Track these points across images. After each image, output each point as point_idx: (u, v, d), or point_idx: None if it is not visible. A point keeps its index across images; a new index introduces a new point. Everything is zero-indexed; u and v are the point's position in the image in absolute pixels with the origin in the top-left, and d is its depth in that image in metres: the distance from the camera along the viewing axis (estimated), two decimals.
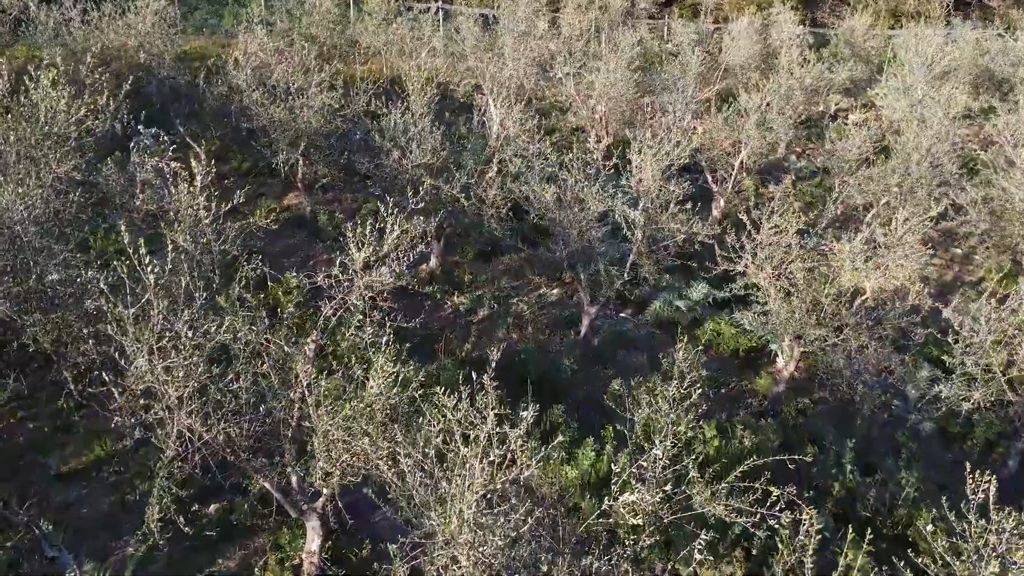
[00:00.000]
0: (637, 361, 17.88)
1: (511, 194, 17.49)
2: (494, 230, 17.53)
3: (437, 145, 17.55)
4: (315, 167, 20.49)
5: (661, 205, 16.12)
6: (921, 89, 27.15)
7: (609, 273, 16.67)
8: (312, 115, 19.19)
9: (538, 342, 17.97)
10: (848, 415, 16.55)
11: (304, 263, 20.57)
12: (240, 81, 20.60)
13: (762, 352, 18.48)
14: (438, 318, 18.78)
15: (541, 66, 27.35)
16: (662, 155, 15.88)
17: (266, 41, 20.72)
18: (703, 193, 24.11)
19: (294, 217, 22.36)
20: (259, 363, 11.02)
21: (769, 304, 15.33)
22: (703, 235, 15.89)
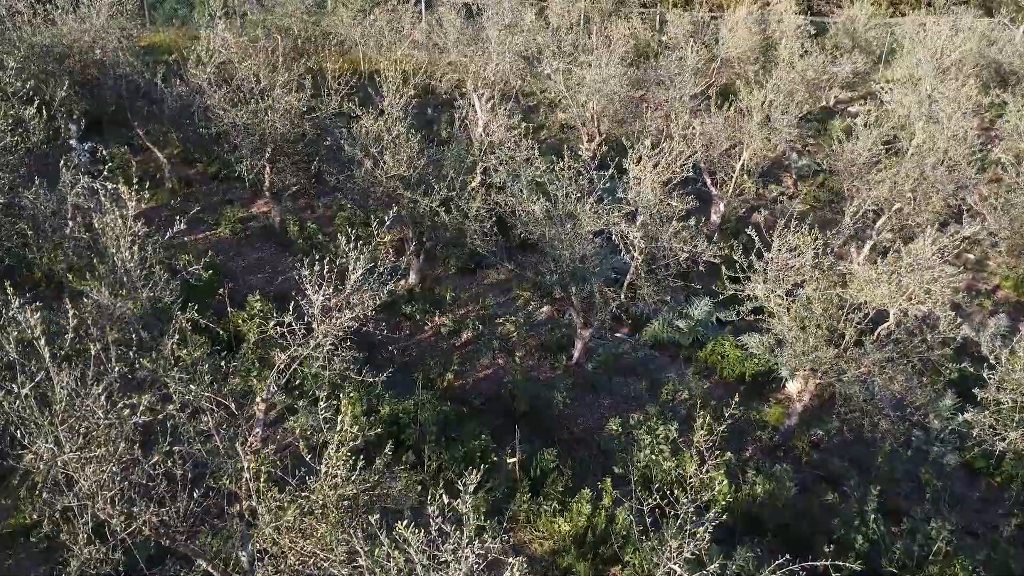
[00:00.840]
0: (635, 389, 16.40)
1: (496, 207, 15.90)
2: (477, 247, 15.94)
3: (414, 154, 15.90)
4: (284, 174, 18.79)
5: (661, 220, 14.57)
6: (930, 83, 25.68)
7: (604, 295, 15.15)
8: (278, 119, 17.48)
9: (527, 369, 16.46)
10: (866, 448, 15.16)
11: (272, 279, 18.94)
12: (201, 81, 18.84)
13: (769, 376, 17.02)
14: (418, 341, 17.22)
15: (528, 60, 25.66)
16: (663, 167, 14.31)
17: (229, 37, 18.90)
18: (701, 196, 22.62)
19: (262, 227, 20.70)
20: (203, 420, 9.44)
21: (782, 333, 13.85)
22: (709, 256, 14.36)
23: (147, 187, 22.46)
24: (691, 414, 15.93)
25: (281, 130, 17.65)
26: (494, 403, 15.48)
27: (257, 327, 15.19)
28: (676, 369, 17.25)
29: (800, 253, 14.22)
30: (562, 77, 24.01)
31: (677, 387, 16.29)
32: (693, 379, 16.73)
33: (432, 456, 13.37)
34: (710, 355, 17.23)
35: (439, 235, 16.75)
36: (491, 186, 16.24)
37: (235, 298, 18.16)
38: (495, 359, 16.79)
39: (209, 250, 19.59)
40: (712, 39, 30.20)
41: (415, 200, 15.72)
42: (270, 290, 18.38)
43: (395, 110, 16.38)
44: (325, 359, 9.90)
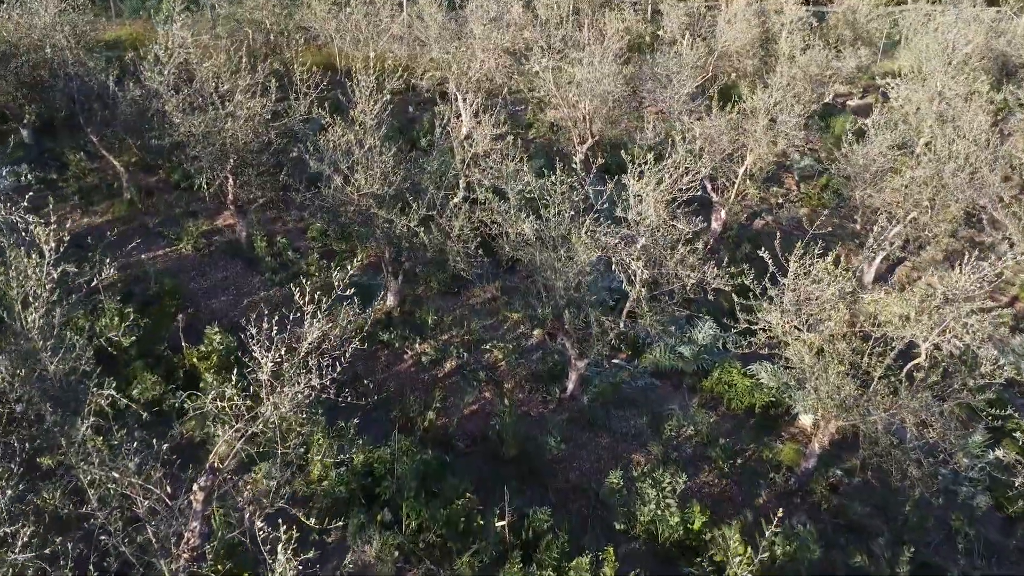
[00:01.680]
0: (635, 424, 14.93)
1: (481, 226, 14.34)
2: (461, 271, 14.38)
3: (389, 169, 14.28)
4: (249, 187, 17.13)
5: (666, 245, 13.05)
6: (940, 80, 24.26)
7: (602, 324, 13.64)
8: (239, 127, 15.81)
9: (517, 403, 14.94)
10: (890, 490, 13.77)
11: (237, 301, 17.29)
12: (156, 84, 17.13)
13: (781, 406, 15.59)
14: (396, 373, 15.65)
15: (515, 55, 24.03)
16: (667, 185, 12.78)
17: (186, 36, 17.17)
18: (701, 201, 21.14)
19: (228, 242, 19.02)
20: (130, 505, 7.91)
21: (801, 371, 12.40)
22: (719, 284, 12.85)
23: (103, 198, 21.29)
24: (698, 453, 14.52)
25: (243, 139, 15.98)
26: (481, 445, 13.98)
27: (214, 366, 13.58)
28: (679, 399, 15.79)
29: (817, 280, 12.79)
30: (551, 75, 22.42)
31: (681, 421, 14.85)
32: (698, 411, 15.28)
33: (411, 514, 11.87)
34: (716, 384, 15.78)
35: (418, 256, 15.17)
36: (476, 202, 14.67)
37: (195, 326, 16.55)
38: (481, 392, 15.26)
39: (168, 269, 17.98)
40: (709, 31, 28.63)
41: (390, 220, 14.13)
42: (235, 314, 16.75)
43: (368, 118, 14.75)
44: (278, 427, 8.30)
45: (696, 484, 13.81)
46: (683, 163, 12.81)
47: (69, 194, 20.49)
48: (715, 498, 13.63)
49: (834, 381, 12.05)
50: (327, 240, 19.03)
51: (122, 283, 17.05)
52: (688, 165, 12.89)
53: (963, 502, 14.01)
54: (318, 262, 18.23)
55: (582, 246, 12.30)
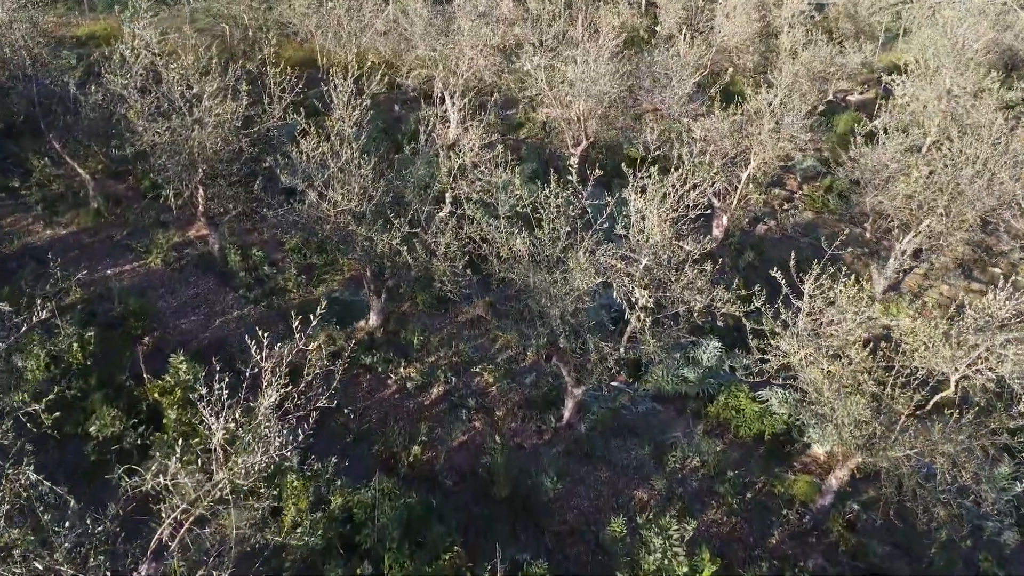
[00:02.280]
0: (637, 456, 13.87)
1: (469, 243, 13.21)
2: (447, 292, 13.26)
3: (368, 183, 13.10)
4: (221, 199, 15.95)
5: (671, 267, 11.96)
6: (950, 77, 23.23)
7: (601, 350, 12.55)
8: (207, 135, 14.61)
9: (509, 433, 13.88)
10: (912, 528, 12.75)
11: (208, 321, 16.10)
12: (119, 88, 15.91)
13: (791, 433, 14.56)
14: (379, 400, 14.54)
15: (505, 53, 22.85)
16: (672, 203, 11.67)
17: (150, 35, 15.92)
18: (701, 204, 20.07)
19: (200, 255, 17.80)
20: None
21: (819, 404, 11.36)
22: (730, 309, 11.75)
23: (68, 207, 20.00)
24: (704, 487, 13.49)
25: (212, 148, 14.78)
26: (470, 482, 12.90)
27: (178, 401, 12.41)
28: (683, 426, 14.75)
29: (835, 303, 11.74)
30: (544, 74, 21.26)
31: (686, 452, 13.81)
32: (704, 440, 14.25)
33: (394, 566, 10.80)
34: (722, 409, 14.74)
35: (402, 275, 14.04)
36: (463, 216, 13.52)
37: (163, 349, 15.38)
38: (471, 420, 14.17)
39: (135, 286, 16.78)
40: (707, 26, 27.49)
41: (370, 238, 12.99)
42: (205, 337, 15.60)
43: (347, 126, 13.57)
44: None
45: (703, 522, 12.79)
46: (690, 176, 11.68)
47: (32, 203, 19.24)
48: (724, 538, 12.61)
49: (855, 414, 11.02)
50: (306, 252, 17.87)
51: (84, 303, 15.87)
52: (696, 180, 11.76)
53: (989, 538, 13.06)
54: (296, 277, 17.07)
55: (580, 271, 11.18)
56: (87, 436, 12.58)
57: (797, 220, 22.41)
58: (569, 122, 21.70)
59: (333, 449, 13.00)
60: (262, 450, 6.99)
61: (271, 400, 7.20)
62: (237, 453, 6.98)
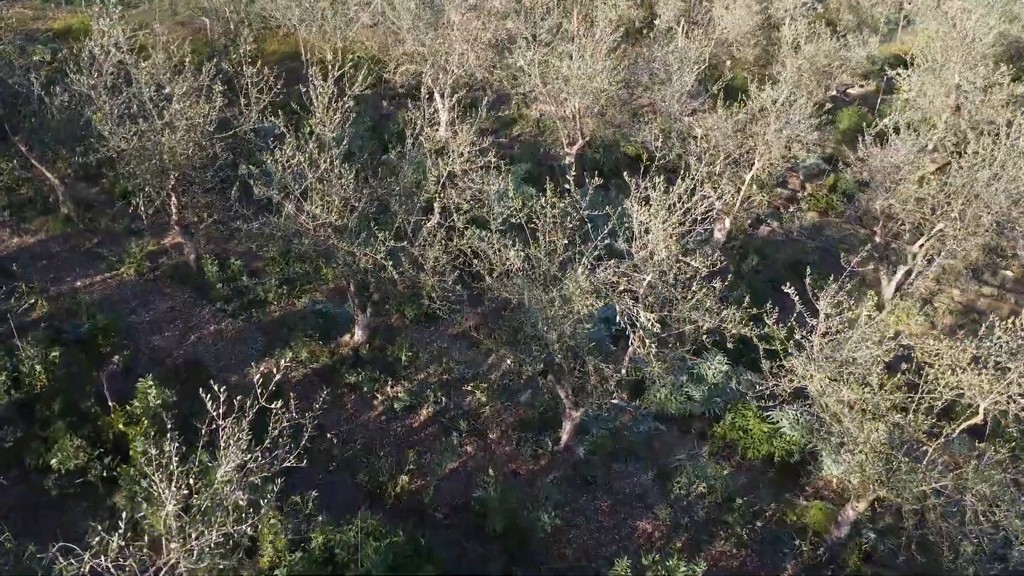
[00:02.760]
0: (639, 481, 13.03)
1: (458, 258, 12.31)
2: (436, 309, 12.36)
3: (350, 193, 12.14)
4: (196, 207, 14.99)
5: (677, 285, 11.08)
6: (959, 72, 22.35)
7: (601, 372, 11.69)
8: (177, 140, 13.63)
9: (503, 458, 13.02)
10: (933, 559, 11.95)
11: (183, 337, 15.13)
12: (85, 89, 14.91)
13: (801, 454, 13.73)
14: (364, 423, 13.63)
15: (497, 48, 21.86)
16: (679, 216, 10.76)
17: (119, 33, 14.90)
18: None
19: (175, 266, 16.80)
20: None
21: (838, 433, 10.53)
22: (741, 330, 10.87)
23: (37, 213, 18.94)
24: (711, 516, 12.65)
25: (184, 154, 13.81)
26: (462, 515, 12.04)
27: (146, 431, 11.46)
28: (687, 447, 13.91)
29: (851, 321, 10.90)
30: (538, 70, 20.30)
31: (692, 477, 12.97)
32: (710, 463, 13.42)
33: None
34: (729, 429, 13.90)
35: (387, 290, 13.13)
36: (452, 227, 12.59)
37: (134, 369, 14.42)
38: (462, 444, 13.29)
39: (107, 299, 15.81)
40: (706, 18, 26.53)
41: (352, 254, 12.07)
42: (179, 355, 14.67)
43: (327, 131, 12.61)
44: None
45: (711, 555, 11.97)
46: (698, 186, 10.78)
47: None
48: (733, 572, 11.81)
49: (877, 446, 10.20)
50: (288, 261, 16.91)
51: (51, 318, 14.90)
52: (705, 191, 10.87)
53: (1014, 569, 12.27)
54: (277, 288, 16.12)
55: (580, 295, 10.29)
56: (48, 469, 11.67)
57: (803, 223, 21.52)
58: (564, 120, 20.77)
59: (314, 478, 12.12)
60: (219, 524, 6.07)
61: (230, 465, 6.28)
62: (192, 524, 6.08)
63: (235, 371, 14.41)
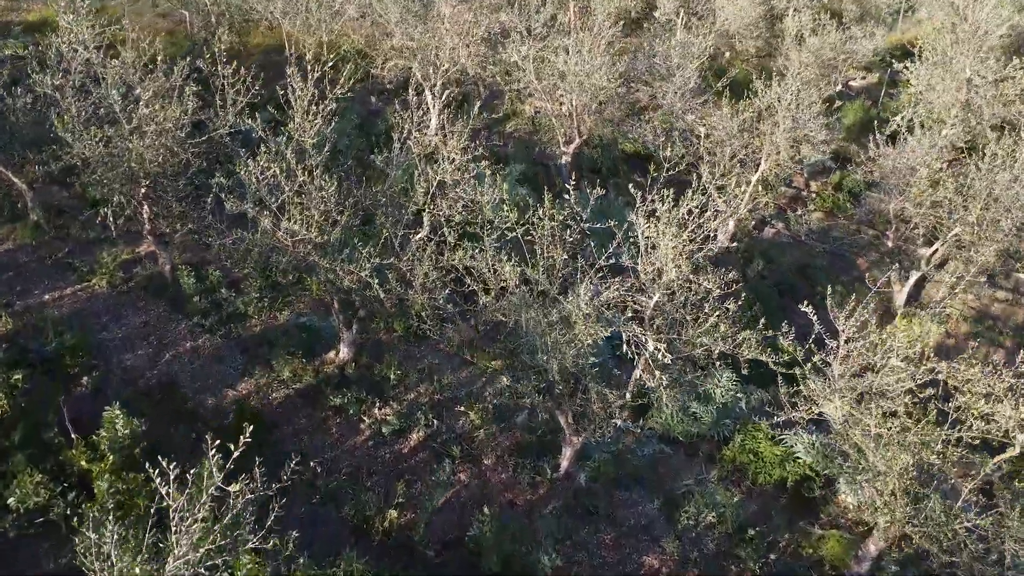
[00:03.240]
0: (645, 511, 12.21)
1: (449, 274, 11.42)
2: (427, 329, 11.47)
3: (331, 206, 11.21)
4: (169, 218, 14.03)
5: (687, 307, 10.22)
6: (970, 67, 21.48)
7: (604, 398, 10.84)
8: (147, 146, 12.67)
9: (499, 489, 12.17)
10: None
11: (157, 356, 14.20)
12: (48, 89, 13.91)
13: (815, 479, 12.93)
14: (351, 449, 12.75)
15: (490, 42, 20.85)
16: (690, 232, 9.87)
17: (84, 31, 13.89)
18: None
19: (149, 277, 15.82)
20: None
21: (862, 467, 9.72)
22: (756, 355, 10.03)
23: (4, 220, 17.89)
24: (722, 548, 11.84)
25: (154, 161, 12.85)
26: (455, 551, 11.20)
27: (112, 467, 10.56)
28: (695, 471, 13.09)
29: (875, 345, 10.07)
30: (532, 65, 19.35)
31: (700, 507, 12.15)
32: (719, 489, 12.61)
33: None
34: (739, 452, 13.07)
35: (374, 307, 12.23)
36: (443, 240, 11.68)
37: (104, 390, 13.50)
38: (455, 472, 12.43)
39: (76, 314, 14.86)
40: (706, 10, 25.57)
41: (334, 271, 11.15)
42: (152, 376, 13.74)
43: (307, 137, 11.66)
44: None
45: None
46: (711, 200, 9.90)
47: None
48: None
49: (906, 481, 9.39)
50: (269, 270, 15.94)
51: (15, 336, 13.96)
52: (718, 206, 10.00)
53: None
54: (257, 301, 15.19)
55: (584, 323, 9.41)
56: (5, 508, 10.76)
57: (812, 227, 20.65)
58: (560, 118, 19.83)
59: (296, 513, 11.24)
60: None
61: (182, 558, 5.38)
62: None
63: (212, 392, 13.49)
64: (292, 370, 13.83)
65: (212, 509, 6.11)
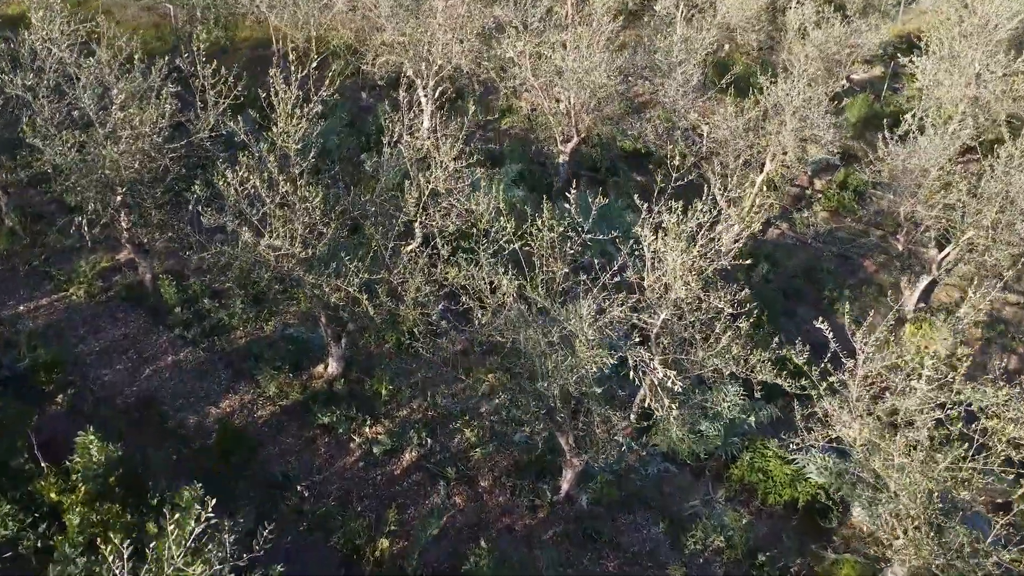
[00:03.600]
0: (649, 535, 11.63)
1: (442, 288, 10.78)
2: (419, 348, 10.83)
3: (316, 219, 10.52)
4: (148, 227, 13.34)
5: (697, 326, 9.59)
6: (979, 61, 20.84)
7: (608, 421, 10.23)
8: (122, 152, 11.96)
9: (497, 514, 11.56)
10: None
11: (136, 371, 13.54)
12: (18, 90, 13.18)
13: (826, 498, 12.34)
14: (340, 471, 12.11)
15: (484, 37, 20.10)
16: (700, 246, 9.24)
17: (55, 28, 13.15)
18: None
19: (129, 286, 15.12)
20: None
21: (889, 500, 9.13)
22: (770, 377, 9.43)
23: None
24: (731, 573, 11.28)
25: (129, 167, 12.14)
26: None
27: (84, 498, 9.89)
28: (701, 491, 12.50)
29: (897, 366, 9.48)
30: (529, 62, 18.64)
31: (708, 530, 11.57)
32: (727, 509, 12.03)
33: None
34: (747, 471, 12.48)
35: (364, 322, 11.58)
36: (435, 249, 11.00)
37: (81, 408, 12.84)
38: (450, 495, 11.82)
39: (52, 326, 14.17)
40: (707, 1, 24.82)
41: (319, 286, 10.49)
42: (131, 392, 13.08)
43: (291, 143, 10.95)
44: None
45: None
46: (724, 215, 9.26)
47: None
48: None
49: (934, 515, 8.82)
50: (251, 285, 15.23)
51: None
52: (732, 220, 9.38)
53: None
54: (242, 312, 14.50)
55: (587, 348, 8.79)
56: None
57: (818, 229, 20.02)
58: (558, 116, 19.12)
59: (281, 543, 10.60)
60: None
61: None
62: None
63: (194, 410, 12.85)
64: (278, 385, 13.18)
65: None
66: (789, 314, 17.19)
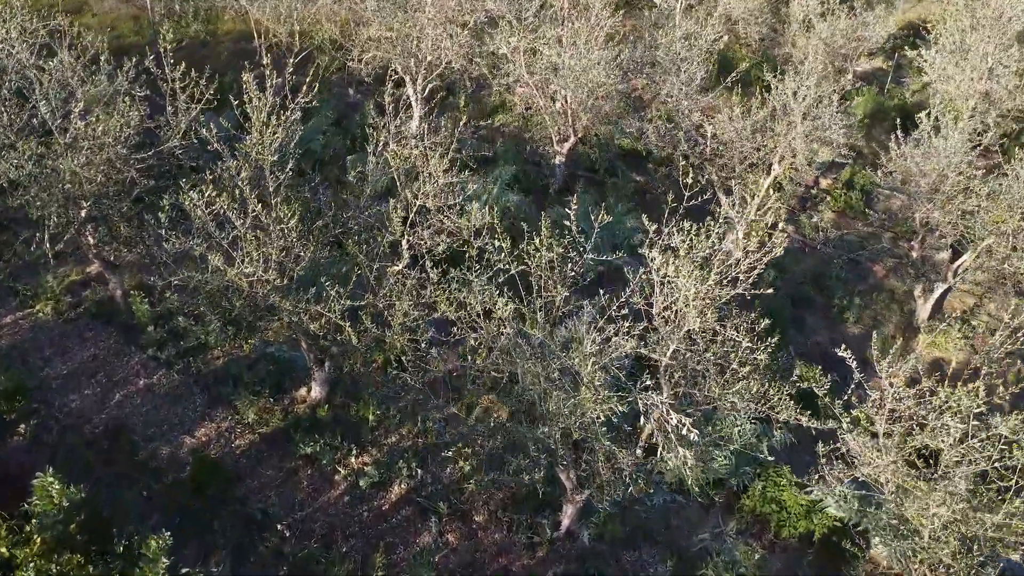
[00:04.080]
0: (656, 573, 10.84)
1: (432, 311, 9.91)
2: (405, 379, 9.98)
3: (292, 242, 9.61)
4: (116, 241, 12.41)
5: (712, 361, 8.76)
6: (992, 55, 20.00)
7: (613, 459, 9.42)
8: (81, 165, 11.02)
9: (493, 552, 10.74)
10: None
11: (106, 397, 12.63)
12: None
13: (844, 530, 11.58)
14: (323, 506, 11.26)
15: (476, 31, 19.15)
16: (716, 275, 8.40)
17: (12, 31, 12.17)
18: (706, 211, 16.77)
19: (99, 302, 14.19)
20: None
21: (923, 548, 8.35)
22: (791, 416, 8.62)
23: None
24: None
25: (92, 180, 11.21)
26: None
27: (41, 550, 9.00)
28: (711, 523, 11.72)
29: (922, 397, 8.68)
30: (523, 58, 17.71)
31: (720, 568, 10.78)
32: (738, 544, 11.25)
33: None
34: (760, 501, 11.69)
35: (347, 348, 10.70)
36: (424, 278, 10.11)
37: (45, 439, 11.95)
38: (442, 533, 11.00)
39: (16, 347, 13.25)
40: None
41: (297, 314, 9.61)
42: (100, 421, 12.18)
43: (266, 154, 10.02)
44: None
45: None
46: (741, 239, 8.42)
47: None
48: None
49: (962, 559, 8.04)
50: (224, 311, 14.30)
51: None
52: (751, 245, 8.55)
53: None
54: (220, 330, 13.55)
55: (592, 393, 7.94)
56: None
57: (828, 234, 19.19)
58: (554, 115, 18.21)
59: None
60: None
61: None
62: None
63: (167, 439, 11.98)
64: (258, 411, 12.32)
65: None
66: (798, 324, 16.40)
